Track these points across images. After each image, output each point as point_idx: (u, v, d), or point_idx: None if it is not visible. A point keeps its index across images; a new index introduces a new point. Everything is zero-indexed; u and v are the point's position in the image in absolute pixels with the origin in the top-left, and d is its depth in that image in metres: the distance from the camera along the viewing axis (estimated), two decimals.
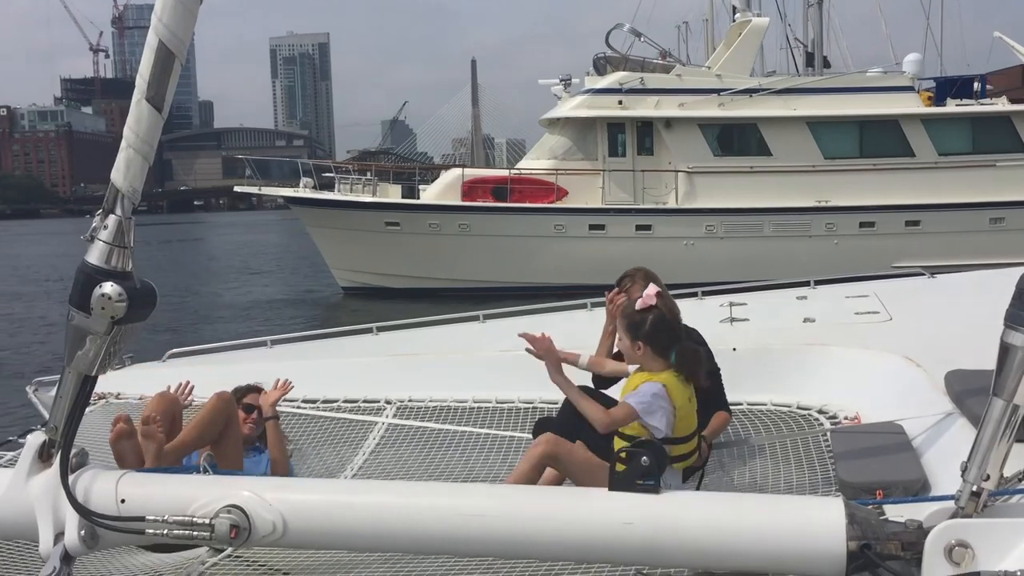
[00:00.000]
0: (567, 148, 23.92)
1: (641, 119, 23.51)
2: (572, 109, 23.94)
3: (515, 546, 2.58)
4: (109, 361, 2.62)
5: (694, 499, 2.67)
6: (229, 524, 2.50)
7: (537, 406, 5.04)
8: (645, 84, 23.60)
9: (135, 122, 2.60)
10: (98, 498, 2.59)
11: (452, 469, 4.46)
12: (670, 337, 3.50)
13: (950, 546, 2.17)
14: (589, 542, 2.49)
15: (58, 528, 2.56)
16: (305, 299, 25.74)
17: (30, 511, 2.60)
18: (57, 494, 2.57)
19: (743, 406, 4.76)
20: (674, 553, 2.45)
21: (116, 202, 2.58)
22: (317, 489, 2.90)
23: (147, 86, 2.58)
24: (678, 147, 23.31)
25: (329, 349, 6.33)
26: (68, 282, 2.60)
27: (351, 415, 5.30)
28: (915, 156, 22.86)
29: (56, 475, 2.58)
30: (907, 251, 21.04)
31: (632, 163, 23.53)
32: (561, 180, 23.36)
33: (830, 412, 4.54)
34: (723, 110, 23.23)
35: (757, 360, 5.01)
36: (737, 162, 23.21)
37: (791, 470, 3.94)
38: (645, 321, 3.49)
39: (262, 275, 34.48)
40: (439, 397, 5.34)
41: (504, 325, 6.47)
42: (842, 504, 2.34)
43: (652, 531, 2.43)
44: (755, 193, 22.64)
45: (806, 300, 6.35)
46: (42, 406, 5.34)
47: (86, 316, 2.55)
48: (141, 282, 2.62)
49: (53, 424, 2.66)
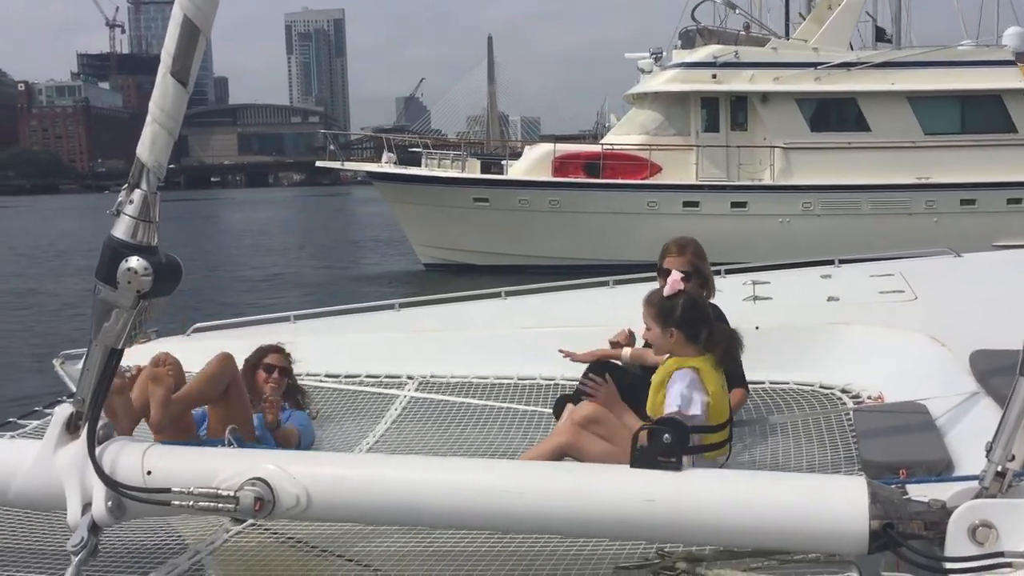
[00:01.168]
0: (659, 123, 23.31)
1: (736, 93, 22.93)
2: (664, 83, 23.34)
3: (536, 521, 2.60)
4: (135, 334, 2.65)
5: (716, 477, 2.67)
6: (254, 496, 2.53)
7: (559, 383, 5.04)
8: (740, 58, 22.98)
9: (160, 97, 2.60)
10: (125, 470, 2.62)
11: (473, 444, 4.47)
12: (702, 320, 3.41)
13: (974, 526, 2.17)
14: (610, 518, 2.50)
15: (86, 499, 2.60)
16: (385, 275, 25.25)
17: (58, 482, 2.64)
18: (84, 465, 2.60)
19: (765, 385, 4.75)
20: (696, 531, 2.46)
21: (141, 176, 2.60)
22: (341, 463, 2.93)
23: (172, 60, 2.58)
24: (774, 122, 22.74)
25: (352, 325, 6.35)
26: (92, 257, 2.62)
27: (373, 388, 5.33)
28: (1018, 132, 22.14)
29: (83, 447, 2.61)
30: (1008, 229, 20.23)
31: (726, 139, 22.98)
32: (654, 156, 22.76)
33: (853, 391, 4.52)
34: (820, 84, 22.54)
35: (780, 339, 4.98)
36: (834, 138, 22.52)
37: (813, 449, 3.93)
38: (676, 307, 3.40)
39: (333, 251, 33.68)
40: (460, 373, 5.35)
41: (526, 302, 6.48)
42: (865, 483, 2.34)
43: (674, 509, 2.43)
44: (853, 170, 21.98)
45: (830, 279, 6.29)
46: (68, 379, 5.39)
47: (112, 290, 2.58)
48: (166, 256, 2.64)
49: (80, 396, 2.70)
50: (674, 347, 3.42)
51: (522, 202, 22.71)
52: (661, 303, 3.43)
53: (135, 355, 4.91)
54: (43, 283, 25.94)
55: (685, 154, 22.96)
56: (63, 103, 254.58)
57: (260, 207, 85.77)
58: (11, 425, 4.61)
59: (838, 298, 5.66)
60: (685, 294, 3.43)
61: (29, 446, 2.83)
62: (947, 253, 6.73)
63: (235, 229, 52.38)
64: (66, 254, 35.33)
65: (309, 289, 22.54)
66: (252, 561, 3.04)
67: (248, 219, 62.12)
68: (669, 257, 4.28)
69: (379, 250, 32.95)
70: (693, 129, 23.11)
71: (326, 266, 28.65)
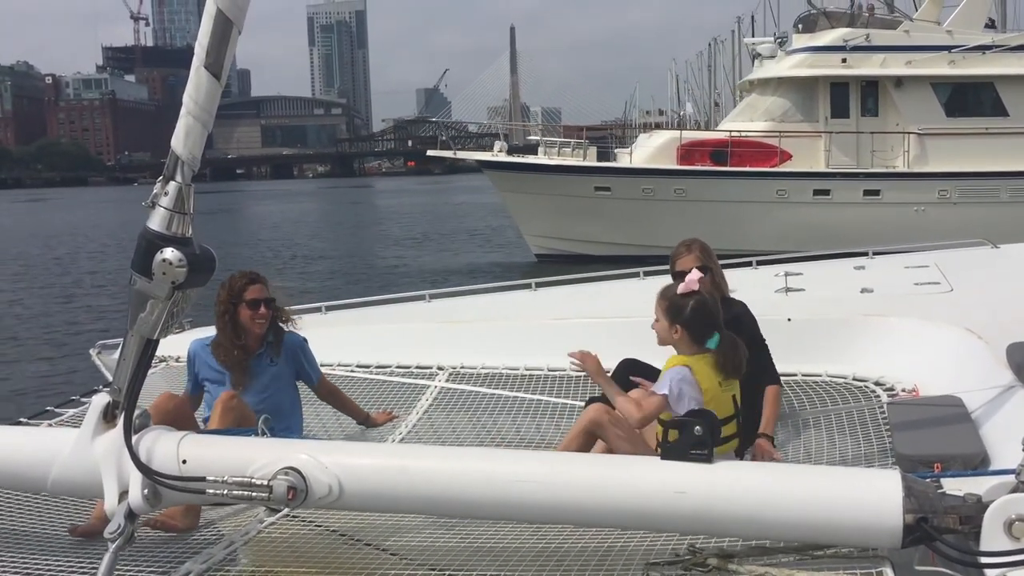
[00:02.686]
0: (785, 109, 22.61)
1: (867, 78, 22.22)
2: (791, 68, 22.74)
3: (567, 513, 2.60)
4: (170, 325, 2.68)
5: (748, 469, 2.66)
6: (287, 486, 2.56)
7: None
8: (871, 41, 22.18)
9: (194, 90, 2.62)
10: (160, 458, 2.66)
11: (504, 435, 4.48)
12: (709, 324, 3.47)
13: (1010, 520, 2.15)
14: (641, 510, 2.49)
15: (122, 487, 2.64)
16: (498, 265, 24.65)
17: (96, 470, 2.68)
18: (121, 454, 2.64)
19: (797, 377, 4.71)
20: (727, 523, 2.45)
21: (176, 169, 2.62)
22: (373, 453, 2.95)
23: (205, 54, 2.60)
24: (908, 107, 21.94)
25: (382, 315, 6.36)
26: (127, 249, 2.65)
27: (404, 379, 5.34)
28: None
29: (120, 435, 2.65)
30: None
31: (856, 124, 22.21)
32: (783, 143, 22.04)
33: (887, 384, 4.46)
34: (955, 68, 21.76)
35: (812, 330, 4.93)
36: (971, 123, 21.60)
37: (846, 442, 3.89)
38: (686, 306, 3.46)
39: (433, 242, 33.07)
40: (491, 364, 5.35)
41: (556, 293, 6.47)
42: (899, 476, 2.32)
43: (705, 501, 2.43)
44: (991, 156, 21.09)
45: (864, 270, 6.23)
46: (105, 368, 5.47)
47: (148, 281, 2.60)
48: (200, 247, 2.66)
49: (117, 386, 2.73)
50: (676, 343, 3.52)
51: (646, 191, 22.08)
52: (673, 299, 3.51)
53: (170, 345, 4.95)
54: (81, 274, 26.32)
55: (813, 141, 22.24)
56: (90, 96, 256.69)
57: (316, 198, 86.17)
58: (48, 414, 4.67)
59: (872, 290, 5.59)
60: (698, 295, 3.48)
61: (67, 434, 2.88)
62: (984, 244, 6.63)
63: (330, 218, 52.70)
64: (105, 246, 35.75)
65: (433, 276, 22.35)
66: (286, 551, 3.07)
67: (330, 209, 62.57)
68: (680, 259, 4.32)
69: (479, 241, 32.39)
70: (821, 115, 22.39)
71: (442, 252, 28.26)
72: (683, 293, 3.48)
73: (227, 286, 4.25)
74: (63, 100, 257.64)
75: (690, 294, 3.47)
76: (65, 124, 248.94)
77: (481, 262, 25.89)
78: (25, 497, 3.58)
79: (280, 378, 4.31)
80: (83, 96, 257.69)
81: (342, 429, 4.61)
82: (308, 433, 4.50)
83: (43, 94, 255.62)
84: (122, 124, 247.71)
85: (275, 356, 4.30)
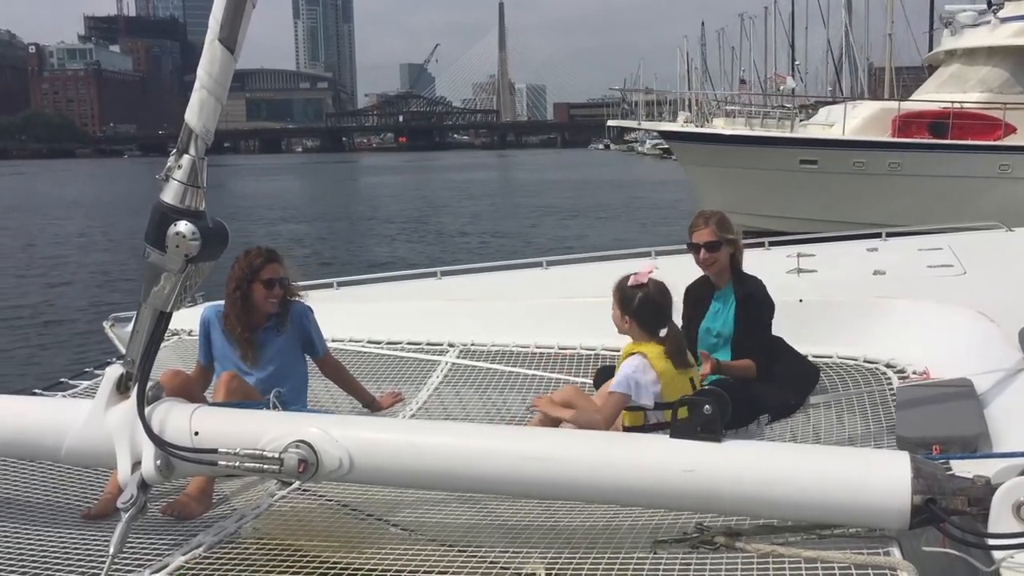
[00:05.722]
0: (1003, 80, 21.14)
1: None
2: (1010, 37, 21.36)
3: (576, 490, 2.62)
4: (183, 298, 2.69)
5: (756, 449, 2.68)
6: (297, 459, 2.58)
7: (599, 353, 5.03)
8: None
9: (208, 63, 2.62)
10: (173, 430, 2.68)
11: (513, 412, 4.49)
12: (656, 318, 3.64)
13: (1019, 503, 2.16)
14: (649, 488, 2.51)
15: (135, 457, 2.66)
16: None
17: (109, 441, 2.70)
18: (134, 425, 2.66)
19: (807, 358, 4.63)
20: (735, 502, 2.47)
21: (190, 142, 2.63)
22: (383, 428, 2.97)
23: (220, 27, 2.60)
24: None
25: (393, 292, 6.38)
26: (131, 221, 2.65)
27: (415, 355, 5.35)
28: None
29: (133, 407, 2.67)
30: None
31: None
32: (1007, 115, 20.31)
33: (898, 366, 4.44)
34: None
35: (824, 312, 4.92)
36: None
37: (856, 424, 3.88)
38: (634, 298, 3.64)
39: (582, 217, 31.97)
40: (502, 341, 5.35)
41: (568, 271, 6.48)
42: (908, 458, 2.33)
43: (713, 479, 2.44)
44: None
45: (877, 252, 6.20)
46: (118, 340, 5.49)
47: (161, 254, 2.62)
48: (213, 221, 2.67)
49: (130, 358, 2.75)
50: (630, 331, 3.70)
51: (857, 164, 20.62)
52: (624, 290, 3.68)
53: (181, 319, 4.92)
54: (90, 247, 26.30)
55: None
56: (74, 66, 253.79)
57: (351, 171, 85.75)
58: (62, 385, 4.70)
59: (884, 272, 5.57)
60: (644, 289, 3.64)
61: (81, 405, 2.90)
62: (999, 227, 6.59)
63: (443, 191, 51.37)
64: (111, 219, 35.66)
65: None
66: (296, 524, 3.09)
67: (410, 182, 61.66)
68: (696, 231, 4.33)
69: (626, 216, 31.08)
70: None
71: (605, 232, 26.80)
72: (632, 286, 3.66)
73: (244, 262, 4.19)
74: (47, 70, 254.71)
75: (638, 287, 3.64)
76: (49, 95, 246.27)
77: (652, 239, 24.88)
78: (39, 469, 3.60)
79: (287, 348, 4.32)
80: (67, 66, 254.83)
81: (352, 403, 4.61)
82: (319, 407, 4.50)
83: (26, 64, 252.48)
84: (107, 95, 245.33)
85: (281, 327, 4.30)
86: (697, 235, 4.30)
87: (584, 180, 56.80)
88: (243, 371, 4.15)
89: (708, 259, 4.29)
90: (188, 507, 3.23)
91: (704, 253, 4.28)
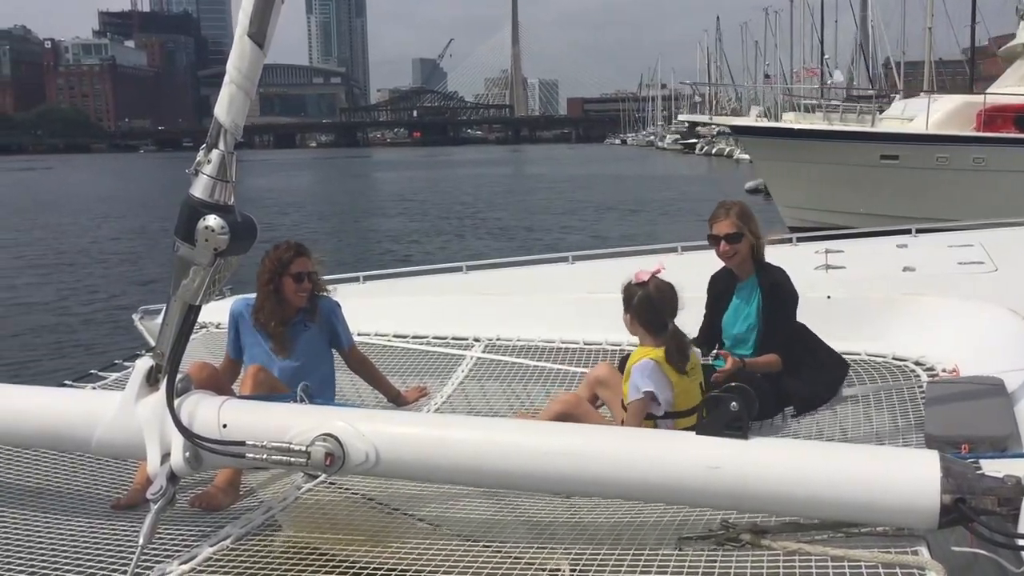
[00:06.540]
0: None
1: None
2: None
3: (601, 486, 2.62)
4: (212, 291, 2.71)
5: (784, 446, 2.66)
6: (324, 452, 2.60)
7: (625, 348, 4.99)
8: None
9: (238, 58, 2.63)
10: (202, 422, 2.70)
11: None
12: (655, 317, 3.60)
13: None
14: (675, 484, 2.51)
15: (164, 449, 2.69)
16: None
17: (139, 432, 2.73)
18: (164, 417, 2.69)
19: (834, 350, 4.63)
20: (762, 500, 2.46)
21: (219, 137, 2.64)
22: (409, 422, 2.98)
23: (249, 22, 2.60)
24: None
25: (419, 286, 6.39)
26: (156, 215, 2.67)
27: (440, 349, 5.36)
28: None
29: (163, 399, 2.70)
30: None
31: None
32: None
33: (927, 364, 4.40)
34: None
35: (852, 309, 4.89)
36: None
37: (883, 420, 3.85)
38: (634, 296, 3.62)
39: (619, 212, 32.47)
40: (527, 336, 5.36)
41: (593, 266, 6.46)
42: (937, 457, 2.32)
43: (739, 477, 2.44)
44: None
45: (906, 248, 6.15)
46: (147, 333, 5.56)
47: (191, 247, 2.64)
48: (242, 215, 2.69)
49: (160, 350, 2.78)
50: (635, 330, 3.67)
51: (940, 159, 20.06)
52: (627, 288, 3.68)
53: (210, 311, 4.95)
54: (117, 240, 26.60)
55: None
56: (89, 62, 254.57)
57: (366, 166, 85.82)
58: (92, 377, 4.75)
59: (914, 268, 5.52)
60: (644, 288, 3.61)
61: (111, 397, 2.93)
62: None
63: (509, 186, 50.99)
64: (134, 212, 35.95)
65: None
66: (322, 518, 3.11)
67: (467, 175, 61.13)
68: (716, 223, 4.30)
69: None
70: None
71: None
72: (634, 284, 3.65)
73: (273, 256, 4.25)
74: (62, 65, 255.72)
75: (639, 285, 3.63)
76: (64, 90, 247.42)
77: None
78: (69, 459, 3.64)
79: (315, 342, 4.36)
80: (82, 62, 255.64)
81: (377, 397, 4.63)
82: (345, 400, 4.52)
83: (42, 59, 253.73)
84: (122, 90, 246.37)
85: (310, 322, 4.34)
86: (717, 226, 4.26)
87: (615, 175, 56.47)
88: (271, 364, 4.18)
89: (728, 251, 4.25)
90: (216, 498, 3.26)
91: (724, 245, 4.24)
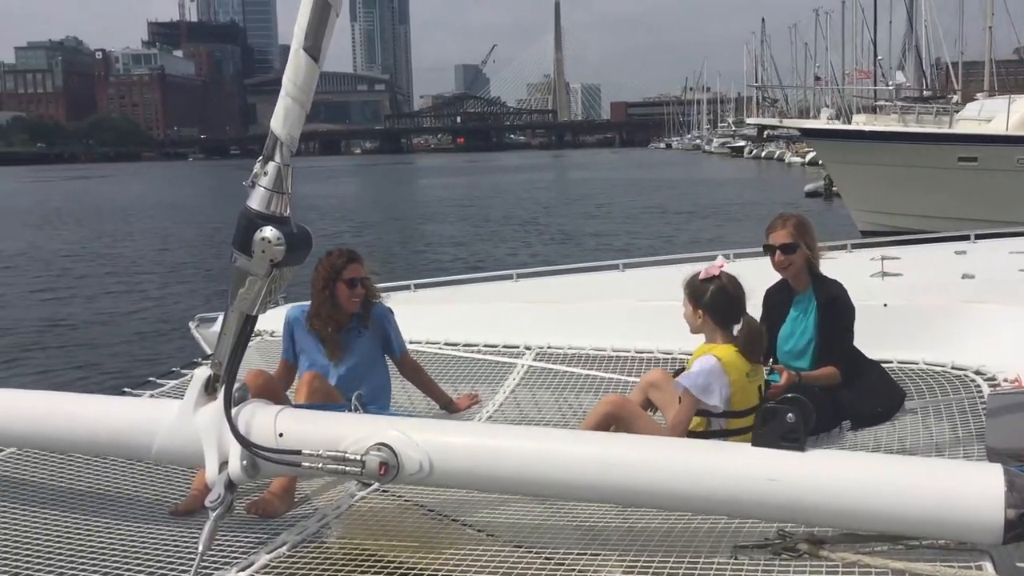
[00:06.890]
0: None
1: None
2: None
3: (655, 496, 2.61)
4: (268, 301, 2.75)
5: (842, 459, 2.62)
6: (379, 461, 2.63)
7: (676, 357, 4.97)
8: None
9: (293, 72, 2.67)
10: (258, 431, 2.74)
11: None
12: (730, 311, 3.57)
13: None
14: (730, 496, 2.49)
15: (222, 457, 2.74)
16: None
17: (197, 441, 2.78)
18: (221, 426, 2.73)
19: (893, 364, 4.55)
20: (820, 513, 2.43)
21: (275, 149, 2.68)
22: (463, 432, 2.99)
23: (304, 36, 2.64)
24: None
25: (470, 294, 6.42)
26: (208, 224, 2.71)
27: (491, 357, 5.36)
28: None
29: (220, 408, 2.74)
30: None
31: None
32: None
33: (988, 374, 4.31)
34: None
35: (909, 317, 4.81)
36: None
37: (943, 432, 3.78)
38: (707, 291, 3.59)
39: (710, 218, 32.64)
40: (578, 344, 5.33)
41: (643, 274, 6.44)
42: (1001, 471, 2.28)
43: (796, 489, 2.41)
44: None
45: (965, 255, 6.04)
46: (203, 340, 5.63)
47: (248, 259, 2.68)
48: (298, 226, 2.73)
49: (217, 360, 2.82)
50: (703, 328, 3.63)
51: (1021, 161, 19.85)
52: (695, 284, 3.64)
53: (265, 319, 5.01)
54: (174, 248, 27.15)
55: None
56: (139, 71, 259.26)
57: (411, 172, 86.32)
58: (150, 384, 4.83)
59: (973, 275, 5.41)
60: (717, 281, 3.59)
61: (170, 406, 2.99)
62: None
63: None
64: (189, 218, 36.77)
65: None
66: (376, 525, 3.13)
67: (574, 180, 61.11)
68: (773, 232, 4.27)
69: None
70: None
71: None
72: (704, 279, 3.61)
73: (327, 262, 4.31)
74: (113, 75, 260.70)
75: (711, 279, 3.60)
76: (115, 99, 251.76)
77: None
78: (127, 465, 3.71)
79: (368, 348, 4.40)
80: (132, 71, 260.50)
81: (429, 404, 4.66)
82: (397, 407, 4.55)
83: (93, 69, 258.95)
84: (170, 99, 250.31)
85: (363, 328, 4.39)
86: (774, 236, 4.23)
87: (669, 180, 55.60)
88: (326, 369, 4.24)
89: (783, 261, 4.22)
90: (272, 506, 3.30)
91: (780, 255, 4.21)
